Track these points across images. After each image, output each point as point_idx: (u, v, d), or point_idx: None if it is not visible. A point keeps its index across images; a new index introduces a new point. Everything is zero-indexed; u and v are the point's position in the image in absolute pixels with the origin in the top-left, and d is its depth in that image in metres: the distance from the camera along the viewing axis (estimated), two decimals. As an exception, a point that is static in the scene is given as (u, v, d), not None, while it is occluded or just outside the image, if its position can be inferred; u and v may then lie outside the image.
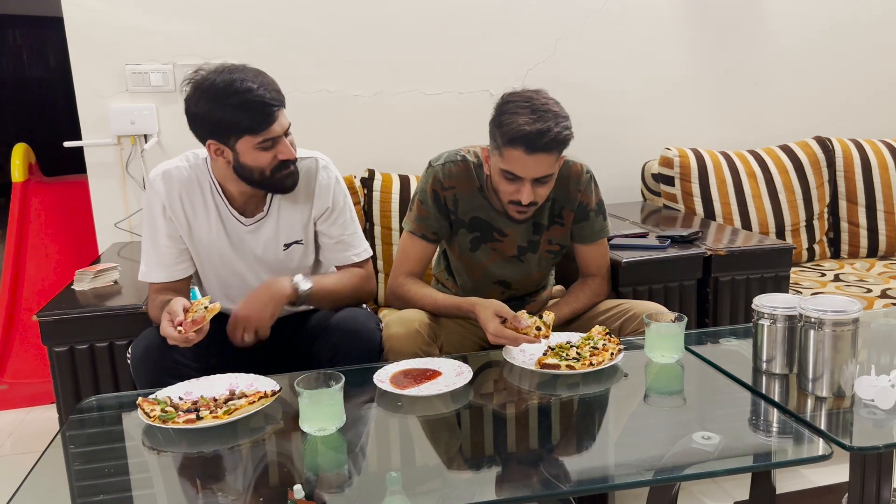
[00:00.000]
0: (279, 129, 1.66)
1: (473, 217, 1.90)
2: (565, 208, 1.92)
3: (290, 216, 1.80)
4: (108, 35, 2.54)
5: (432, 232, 1.91)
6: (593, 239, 1.95)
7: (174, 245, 1.78)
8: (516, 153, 1.69)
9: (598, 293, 1.97)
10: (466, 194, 1.89)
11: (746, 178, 2.84)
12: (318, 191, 1.80)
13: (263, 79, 1.66)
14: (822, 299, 1.41)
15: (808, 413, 1.37)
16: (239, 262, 1.81)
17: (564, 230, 1.95)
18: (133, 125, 2.59)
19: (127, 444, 1.42)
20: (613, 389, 1.54)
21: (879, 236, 2.90)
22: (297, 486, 1.10)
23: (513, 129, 1.67)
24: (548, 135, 1.66)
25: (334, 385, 1.32)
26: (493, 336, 1.66)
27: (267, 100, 1.63)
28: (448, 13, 2.80)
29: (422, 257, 1.93)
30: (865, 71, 3.27)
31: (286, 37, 2.67)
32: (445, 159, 1.90)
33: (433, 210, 1.89)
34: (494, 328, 1.66)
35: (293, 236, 1.82)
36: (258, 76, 1.65)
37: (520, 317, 1.67)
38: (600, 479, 1.28)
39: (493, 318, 1.68)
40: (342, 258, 1.86)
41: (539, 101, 1.70)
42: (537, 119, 1.66)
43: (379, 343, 1.75)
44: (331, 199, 1.81)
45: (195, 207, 1.77)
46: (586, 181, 1.90)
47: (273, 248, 1.81)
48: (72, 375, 1.94)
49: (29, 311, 2.86)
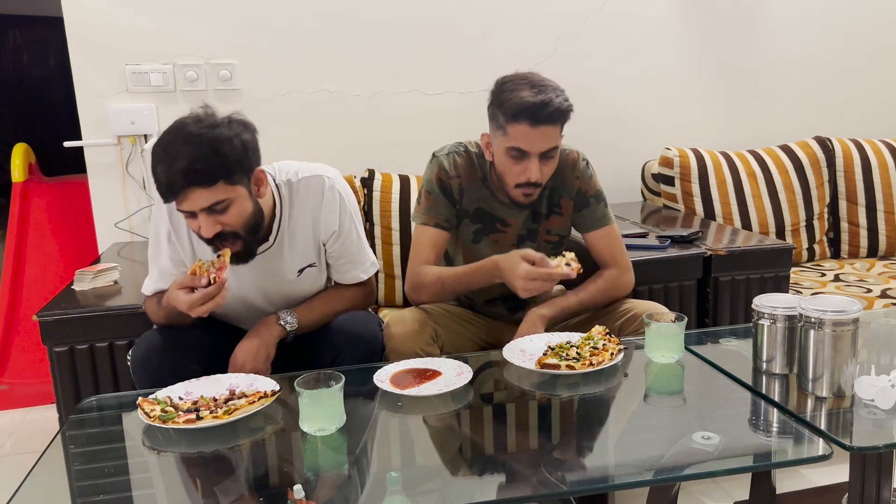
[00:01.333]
0: (188, 206, 1.52)
1: (477, 208, 1.90)
2: (563, 197, 1.91)
3: (302, 240, 1.75)
4: (108, 35, 2.54)
5: (444, 219, 1.88)
6: (596, 226, 1.92)
7: (177, 268, 1.73)
8: (521, 127, 1.70)
9: (613, 286, 1.89)
10: (471, 185, 1.89)
11: (746, 178, 2.84)
12: (325, 214, 1.74)
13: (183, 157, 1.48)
14: (822, 299, 1.41)
15: (808, 413, 1.37)
16: (247, 289, 1.78)
17: (563, 220, 1.94)
18: (133, 125, 2.59)
19: (127, 444, 1.41)
20: (613, 389, 1.54)
21: (879, 236, 2.90)
22: (297, 487, 1.09)
23: (515, 102, 1.69)
24: (551, 105, 1.69)
25: (334, 385, 1.32)
26: (525, 280, 1.63)
27: (165, 180, 1.49)
28: (448, 13, 2.80)
29: (436, 246, 1.89)
30: (865, 71, 3.27)
31: (286, 37, 2.67)
32: (449, 150, 1.91)
33: (441, 198, 1.88)
34: (525, 271, 1.64)
35: (306, 260, 1.78)
36: (183, 147, 1.49)
37: (545, 257, 1.66)
38: (600, 479, 1.28)
39: (521, 263, 1.66)
40: (349, 277, 1.85)
41: (536, 78, 1.75)
42: (539, 92, 1.70)
43: (381, 344, 1.75)
44: (337, 223, 1.76)
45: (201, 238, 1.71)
46: (583, 168, 1.91)
47: (287, 275, 1.77)
48: (72, 375, 1.94)
49: (29, 311, 2.85)
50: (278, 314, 1.74)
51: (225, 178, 1.52)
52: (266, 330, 1.72)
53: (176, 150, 1.49)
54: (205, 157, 1.48)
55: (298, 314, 1.76)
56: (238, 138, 1.54)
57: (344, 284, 1.86)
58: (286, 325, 1.73)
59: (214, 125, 1.53)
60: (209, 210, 1.53)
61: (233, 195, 1.54)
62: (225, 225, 1.56)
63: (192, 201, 1.51)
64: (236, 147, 1.53)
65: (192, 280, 1.57)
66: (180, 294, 1.56)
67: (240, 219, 1.57)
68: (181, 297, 1.55)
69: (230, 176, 1.52)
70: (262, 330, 1.72)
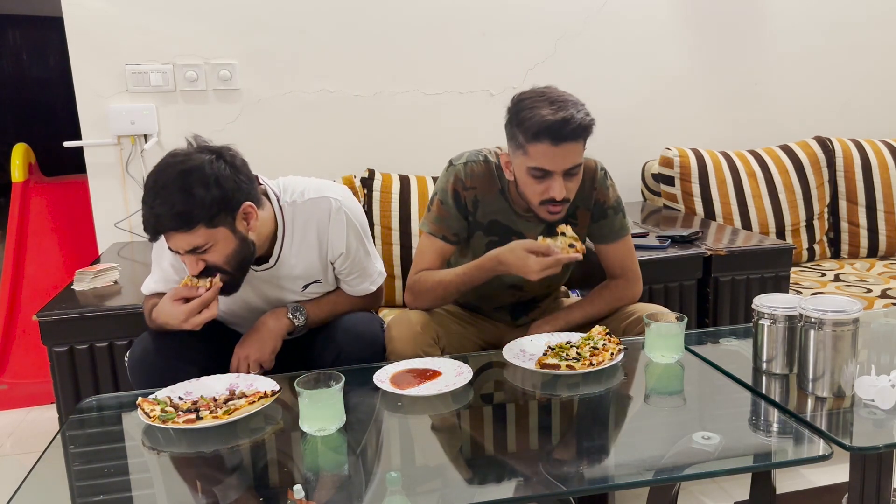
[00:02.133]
0: (176, 247, 1.55)
1: (492, 220, 1.85)
2: (580, 208, 1.86)
3: (307, 258, 1.74)
4: (108, 35, 2.54)
5: (453, 233, 1.84)
6: (614, 238, 1.88)
7: (177, 273, 1.73)
8: (542, 147, 1.64)
9: (620, 297, 1.87)
10: (488, 196, 1.83)
11: (746, 178, 2.84)
12: (332, 237, 1.73)
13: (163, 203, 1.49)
14: (822, 299, 1.41)
15: (808, 413, 1.37)
16: (250, 297, 1.77)
17: (578, 231, 1.87)
18: (133, 125, 2.59)
19: (127, 444, 1.41)
20: (613, 389, 1.54)
21: (879, 236, 2.90)
22: (297, 487, 1.09)
23: (536, 122, 1.63)
24: (572, 122, 1.62)
25: (334, 385, 1.32)
26: (538, 271, 1.63)
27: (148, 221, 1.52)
28: (448, 13, 2.80)
29: (441, 259, 1.86)
30: (865, 71, 3.27)
31: (286, 37, 2.67)
32: (467, 158, 1.84)
33: (453, 210, 1.83)
34: (538, 264, 1.63)
35: (311, 277, 1.77)
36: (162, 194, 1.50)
37: (551, 245, 1.66)
38: (600, 479, 1.28)
39: (530, 257, 1.65)
40: (359, 290, 1.85)
41: (554, 94, 1.68)
42: (558, 109, 1.63)
43: (382, 345, 1.75)
44: (344, 245, 1.74)
45: None
46: (601, 178, 1.86)
47: (290, 289, 1.77)
48: (72, 375, 1.94)
49: (29, 311, 2.85)
50: (287, 307, 1.74)
51: (205, 223, 1.51)
52: (275, 321, 1.72)
53: (156, 193, 1.50)
54: (184, 202, 1.49)
55: (308, 311, 1.76)
56: (221, 178, 1.53)
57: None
58: (295, 320, 1.73)
59: (196, 167, 1.52)
60: (191, 251, 1.54)
61: (214, 237, 1.54)
62: (209, 262, 1.57)
63: (173, 242, 1.54)
64: (217, 190, 1.52)
65: (187, 291, 1.57)
66: (175, 307, 1.56)
67: (222, 257, 1.57)
68: (176, 310, 1.55)
69: (210, 220, 1.52)
70: (270, 321, 1.71)
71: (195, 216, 1.50)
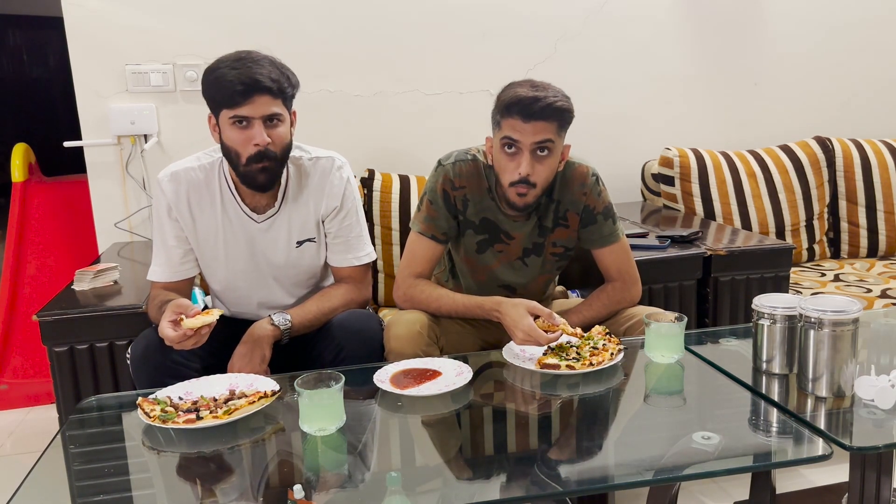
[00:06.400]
0: (253, 111, 1.64)
1: (483, 218, 1.88)
2: (570, 211, 1.88)
3: (304, 213, 1.82)
4: (108, 35, 2.54)
5: (442, 232, 1.87)
6: (604, 243, 1.89)
7: (181, 245, 1.80)
8: (512, 121, 1.70)
9: (618, 299, 1.89)
10: (476, 195, 1.86)
11: (746, 178, 2.84)
12: (329, 189, 1.82)
13: (261, 67, 1.65)
14: (822, 299, 1.41)
15: (808, 413, 1.37)
16: (248, 261, 1.83)
17: (569, 233, 1.91)
18: (133, 125, 2.59)
19: (127, 444, 1.42)
20: (613, 389, 1.54)
21: (879, 236, 2.90)
22: (297, 486, 1.10)
23: (509, 97, 1.71)
24: (543, 101, 1.68)
25: (334, 385, 1.32)
26: (524, 335, 1.62)
27: (246, 79, 1.62)
28: (448, 13, 2.80)
29: (430, 258, 1.89)
30: (865, 71, 3.27)
31: (286, 37, 2.67)
32: (456, 158, 1.87)
33: (443, 209, 1.86)
34: (528, 325, 1.62)
35: (305, 234, 1.83)
36: (260, 61, 1.67)
37: (554, 314, 1.65)
38: (600, 479, 1.28)
39: (526, 316, 1.65)
40: (342, 259, 1.87)
41: (539, 81, 1.75)
42: (535, 89, 1.70)
43: (381, 344, 1.75)
44: (339, 199, 1.83)
45: (203, 206, 1.78)
46: (591, 184, 1.87)
47: (285, 245, 1.82)
48: (72, 375, 1.94)
49: (29, 311, 2.85)
50: (270, 316, 1.76)
51: (285, 98, 1.70)
52: (260, 329, 1.74)
53: (253, 61, 1.65)
54: (278, 72, 1.68)
55: (291, 314, 1.77)
56: (293, 78, 1.74)
57: (336, 280, 1.89)
58: (279, 324, 1.74)
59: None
60: (266, 119, 1.66)
61: (285, 116, 1.72)
62: (271, 143, 1.67)
63: (256, 106, 1.64)
64: (293, 79, 1.73)
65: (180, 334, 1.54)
66: (167, 329, 1.55)
67: (282, 141, 1.71)
68: (168, 333, 1.55)
69: (289, 98, 1.72)
70: (254, 332, 1.74)
71: (285, 89, 1.69)
